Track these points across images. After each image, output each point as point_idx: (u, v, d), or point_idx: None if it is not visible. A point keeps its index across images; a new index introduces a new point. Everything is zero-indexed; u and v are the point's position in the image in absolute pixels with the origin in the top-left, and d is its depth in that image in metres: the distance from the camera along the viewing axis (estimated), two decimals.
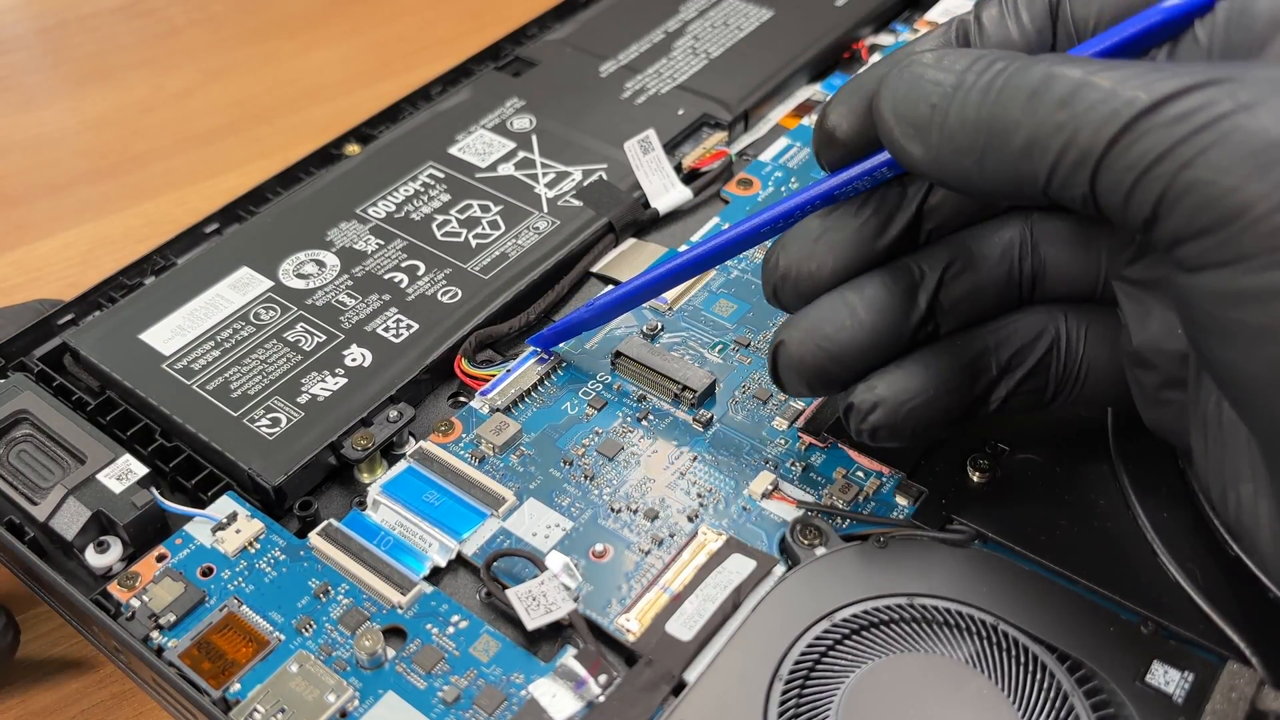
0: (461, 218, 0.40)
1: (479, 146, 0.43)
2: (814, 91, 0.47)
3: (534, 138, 0.44)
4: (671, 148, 0.43)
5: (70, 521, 0.30)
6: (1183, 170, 0.20)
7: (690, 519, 0.31)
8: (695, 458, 0.33)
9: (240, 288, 0.38)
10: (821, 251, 0.28)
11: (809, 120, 0.46)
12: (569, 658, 0.28)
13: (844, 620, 0.27)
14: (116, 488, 0.31)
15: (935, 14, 0.50)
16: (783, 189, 0.42)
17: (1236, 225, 0.19)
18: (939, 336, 0.28)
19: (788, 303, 0.29)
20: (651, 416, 0.34)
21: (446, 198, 0.41)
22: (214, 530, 0.31)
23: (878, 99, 0.25)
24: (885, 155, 0.26)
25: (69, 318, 0.38)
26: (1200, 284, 0.21)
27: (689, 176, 0.43)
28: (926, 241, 0.28)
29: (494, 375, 0.35)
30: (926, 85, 0.24)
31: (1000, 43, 0.26)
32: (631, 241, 0.41)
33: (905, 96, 0.24)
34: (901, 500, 0.31)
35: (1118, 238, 0.27)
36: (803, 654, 0.27)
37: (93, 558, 0.30)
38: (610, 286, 0.39)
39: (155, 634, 0.29)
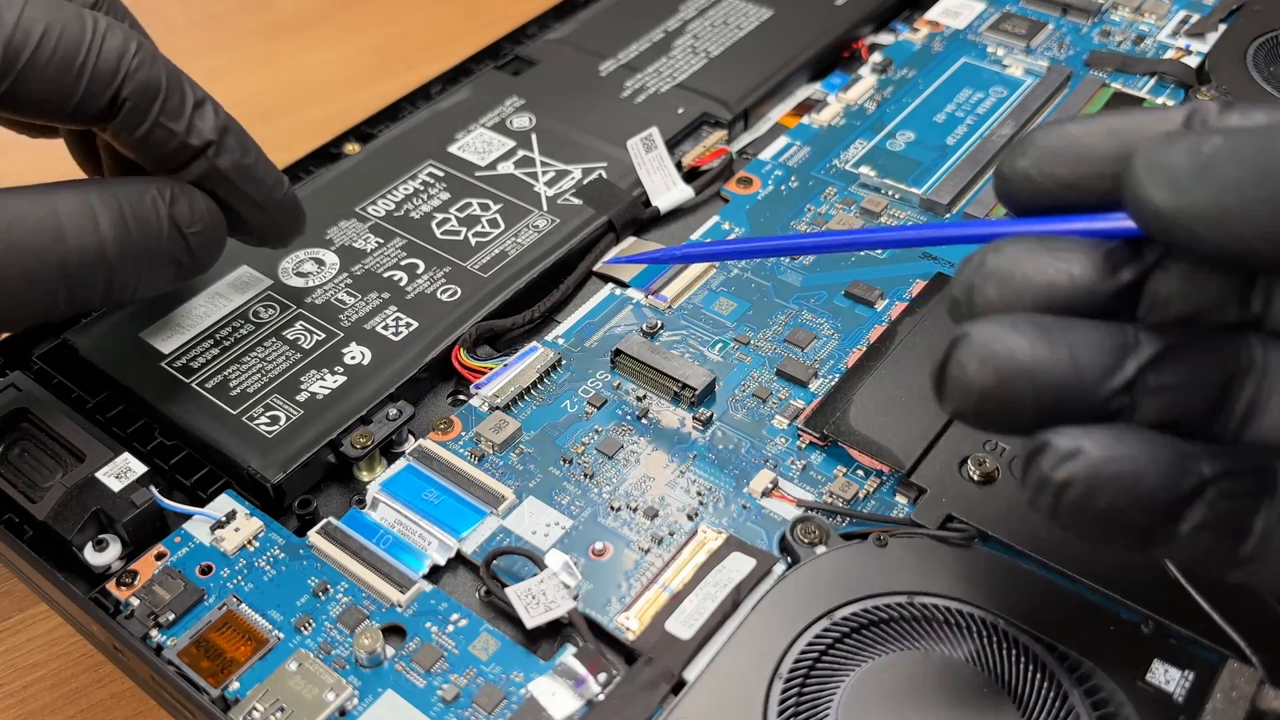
0: (461, 216, 0.40)
1: (479, 145, 0.43)
2: (813, 90, 0.47)
3: (534, 136, 0.44)
4: (671, 146, 0.43)
5: (69, 520, 0.30)
6: None
7: (690, 517, 0.31)
8: (695, 456, 0.33)
9: (239, 286, 0.38)
10: (1037, 267, 0.24)
11: (808, 119, 0.46)
12: (568, 656, 0.28)
13: (844, 619, 0.27)
14: (116, 486, 0.31)
15: (935, 14, 0.50)
16: (782, 188, 0.42)
17: None
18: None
19: (983, 306, 0.24)
20: (651, 415, 0.34)
21: (446, 196, 0.41)
22: (213, 528, 0.31)
23: (1133, 160, 0.22)
24: (1122, 220, 0.24)
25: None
26: None
27: (689, 175, 0.43)
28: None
29: (491, 368, 0.35)
30: (1190, 141, 0.22)
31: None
32: (631, 240, 0.41)
33: (1166, 150, 0.22)
34: (901, 499, 0.31)
35: None
36: (802, 652, 0.27)
37: (92, 556, 0.30)
38: (610, 285, 0.39)
39: (154, 632, 0.29)
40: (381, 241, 0.39)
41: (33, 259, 0.28)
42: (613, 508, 0.31)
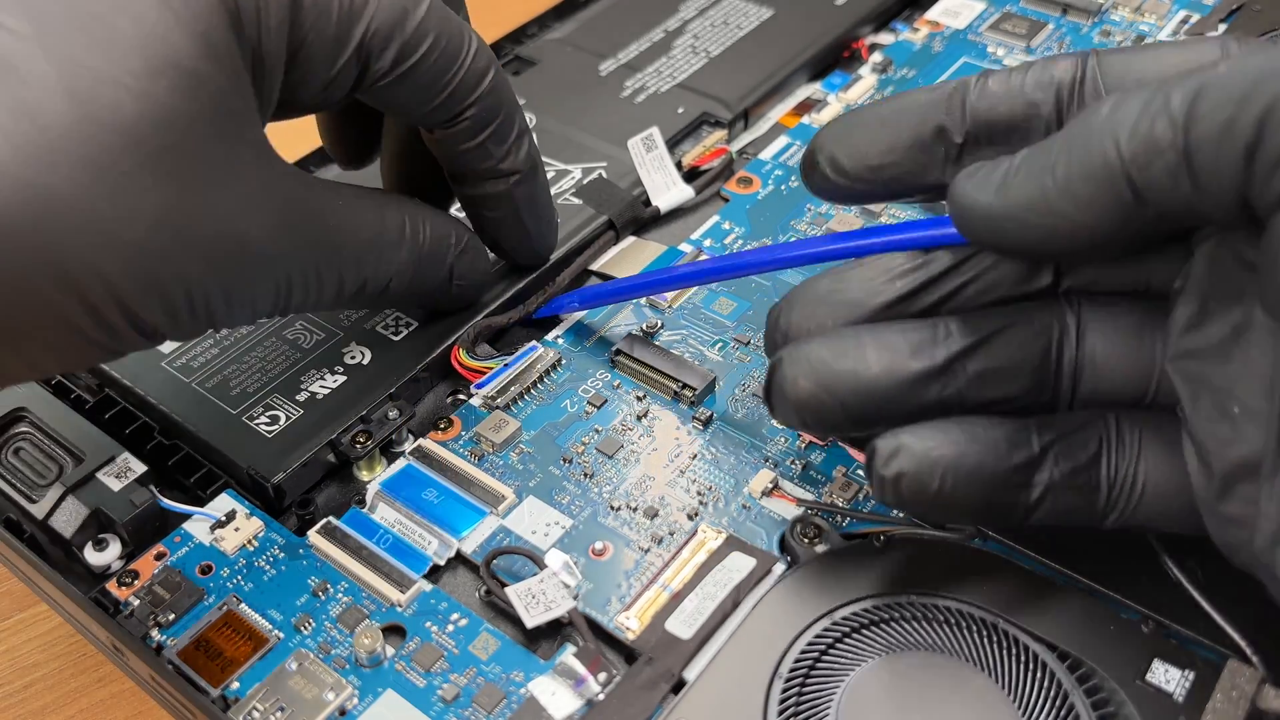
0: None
1: None
2: (813, 90, 0.47)
3: (534, 136, 0.44)
4: (671, 146, 0.43)
5: (69, 519, 0.30)
6: None
7: (690, 517, 0.31)
8: (695, 456, 0.33)
9: None
10: (829, 312, 0.27)
11: (809, 119, 0.46)
12: (568, 656, 0.28)
13: (844, 619, 0.27)
14: (115, 486, 0.31)
15: (935, 14, 0.50)
16: (783, 188, 0.42)
17: None
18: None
19: (794, 333, 0.28)
20: (651, 415, 0.34)
21: None
22: (213, 528, 0.31)
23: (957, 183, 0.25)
24: (948, 228, 0.26)
25: None
26: None
27: (689, 174, 0.43)
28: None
29: (491, 368, 0.35)
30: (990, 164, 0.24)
31: (1003, 95, 0.26)
32: (631, 239, 0.41)
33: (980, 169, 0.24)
34: None
35: (1176, 308, 0.25)
36: (802, 652, 0.27)
37: (91, 556, 0.30)
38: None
39: (154, 632, 0.29)
40: None
41: (353, 265, 0.29)
42: (613, 507, 0.31)
